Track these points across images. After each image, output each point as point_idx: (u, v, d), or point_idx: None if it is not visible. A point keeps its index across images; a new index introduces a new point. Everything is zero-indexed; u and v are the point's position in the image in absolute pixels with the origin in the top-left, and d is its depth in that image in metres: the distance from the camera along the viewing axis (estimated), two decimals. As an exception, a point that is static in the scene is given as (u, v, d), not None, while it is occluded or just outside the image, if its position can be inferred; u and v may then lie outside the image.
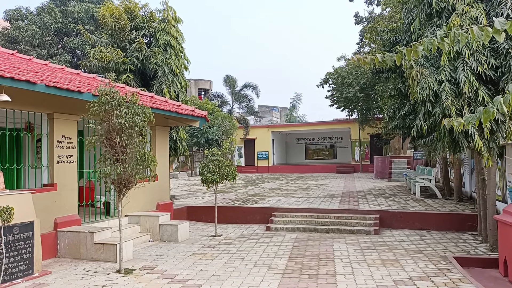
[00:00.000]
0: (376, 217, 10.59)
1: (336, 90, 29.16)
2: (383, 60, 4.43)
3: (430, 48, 3.99)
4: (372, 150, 31.93)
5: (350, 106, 29.28)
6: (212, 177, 9.63)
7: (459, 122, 4.13)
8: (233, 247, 8.64)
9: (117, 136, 6.59)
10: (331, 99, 30.61)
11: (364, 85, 25.64)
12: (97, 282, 6.21)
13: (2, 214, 5.11)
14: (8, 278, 6.08)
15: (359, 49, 28.75)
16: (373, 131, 30.37)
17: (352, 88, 26.77)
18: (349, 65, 27.61)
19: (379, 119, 27.67)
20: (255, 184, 20.95)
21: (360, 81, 25.86)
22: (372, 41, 19.00)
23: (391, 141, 26.21)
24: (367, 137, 31.94)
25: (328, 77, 29.51)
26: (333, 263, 7.29)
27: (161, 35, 13.78)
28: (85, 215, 8.88)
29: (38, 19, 26.01)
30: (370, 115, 29.17)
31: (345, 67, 28.39)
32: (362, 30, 27.65)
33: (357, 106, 28.53)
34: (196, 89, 43.19)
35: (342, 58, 29.18)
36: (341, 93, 28.06)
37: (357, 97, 26.96)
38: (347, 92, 27.18)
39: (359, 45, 28.88)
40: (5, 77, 6.20)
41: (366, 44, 25.39)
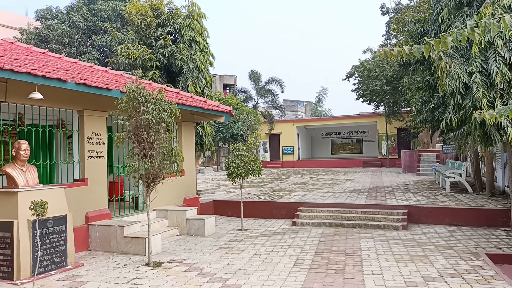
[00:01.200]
0: (404, 212, 10.41)
1: (362, 83, 28.72)
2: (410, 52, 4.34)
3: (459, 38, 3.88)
4: (399, 144, 31.35)
5: (376, 99, 28.79)
6: (238, 172, 9.69)
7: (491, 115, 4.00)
8: (259, 242, 8.69)
9: (144, 132, 6.71)
10: (357, 93, 30.18)
11: (391, 78, 25.14)
12: (127, 275, 6.37)
13: (36, 208, 5.29)
14: (43, 269, 6.31)
15: (386, 41, 28.16)
16: (400, 125, 29.79)
17: (378, 81, 26.31)
18: (375, 58, 27.14)
19: (407, 113, 27.10)
20: (281, 179, 20.95)
21: (387, 73, 25.36)
22: (399, 33, 18.60)
23: (420, 135, 25.62)
24: (395, 131, 31.36)
25: (353, 70, 29.10)
26: (360, 258, 7.22)
27: (186, 31, 13.89)
28: (115, 209, 9.11)
29: (68, 18, 26.69)
30: (397, 109, 28.60)
31: (371, 60, 27.91)
32: (388, 22, 27.07)
33: (384, 99, 28.02)
34: (221, 85, 43.43)
35: (368, 50, 28.68)
36: (367, 86, 27.62)
37: (383, 90, 26.48)
38: (373, 85, 26.73)
39: (386, 37, 28.30)
40: (37, 76, 6.40)
41: (393, 36, 24.84)
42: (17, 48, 9.62)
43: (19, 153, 6.62)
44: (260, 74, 37.20)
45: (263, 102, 38.05)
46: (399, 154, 29.66)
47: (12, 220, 6.13)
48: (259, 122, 30.78)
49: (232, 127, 28.92)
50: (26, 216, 6.11)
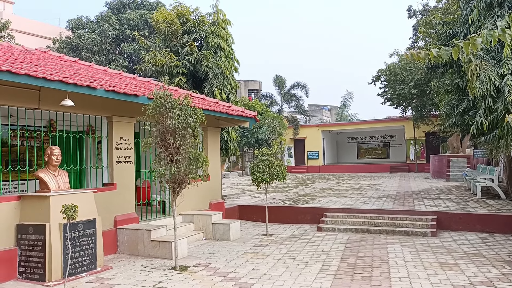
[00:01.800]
0: (433, 218, 10.15)
1: (389, 87, 28.30)
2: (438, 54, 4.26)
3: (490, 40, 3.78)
4: (428, 149, 30.66)
5: (403, 103, 28.30)
6: (262, 176, 9.70)
7: (524, 118, 3.88)
8: (284, 247, 8.66)
9: (171, 137, 6.82)
10: (383, 97, 29.75)
11: (419, 81, 24.66)
12: (154, 278, 6.47)
13: (67, 212, 5.45)
14: (74, 272, 6.49)
15: (413, 44, 27.70)
16: (429, 129, 29.14)
17: (405, 84, 25.85)
18: (402, 61, 26.69)
19: (435, 116, 26.52)
20: (306, 184, 20.83)
21: (414, 77, 24.89)
22: (427, 35, 18.23)
23: (449, 139, 24.98)
24: (423, 135, 30.71)
25: (380, 73, 28.70)
26: (387, 265, 7.09)
27: (211, 38, 14.07)
28: (142, 214, 9.27)
29: (97, 27, 27.51)
30: (426, 112, 28.00)
31: (398, 63, 27.47)
32: (416, 24, 26.64)
33: (411, 103, 27.50)
34: (246, 90, 43.67)
35: (395, 54, 28.26)
36: (394, 90, 27.19)
37: (411, 94, 26.00)
38: (400, 89, 26.28)
39: (413, 39, 27.83)
40: (69, 83, 6.62)
41: (420, 39, 24.40)
42: (50, 57, 9.97)
43: (51, 158, 6.84)
44: (284, 79, 37.21)
45: (287, 107, 38.02)
46: (427, 159, 29.00)
47: (44, 223, 6.33)
48: (283, 127, 30.75)
49: (257, 132, 29.00)
50: (57, 220, 6.30)
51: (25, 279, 6.36)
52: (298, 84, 36.88)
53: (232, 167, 32.84)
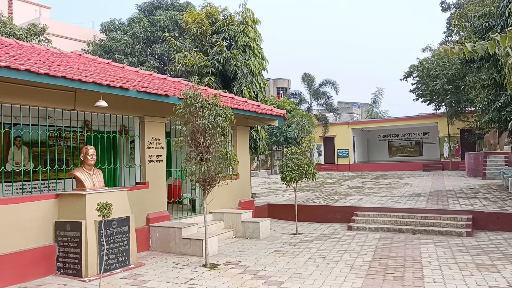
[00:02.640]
0: (469, 217, 9.84)
1: (421, 83, 27.60)
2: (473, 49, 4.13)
3: (529, 33, 3.63)
4: (463, 146, 29.71)
5: (437, 99, 27.52)
6: (292, 175, 9.68)
7: None
8: (314, 246, 8.61)
9: (201, 136, 6.92)
10: (415, 93, 29.05)
11: (453, 77, 23.91)
12: (185, 275, 6.58)
13: (102, 210, 5.62)
14: (108, 268, 6.69)
15: (447, 38, 26.88)
16: (463, 126, 28.25)
17: (439, 80, 25.13)
18: (435, 56, 25.96)
19: (471, 113, 25.66)
20: (336, 183, 20.62)
21: (448, 72, 24.16)
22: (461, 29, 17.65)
23: (485, 136, 24.12)
24: (457, 132, 29.79)
25: (412, 69, 28.03)
26: (420, 265, 6.93)
27: (240, 37, 14.14)
28: (174, 212, 9.45)
29: (129, 29, 28.17)
30: (460, 108, 27.15)
31: (430, 58, 26.74)
32: (449, 18, 25.83)
33: (445, 99, 26.70)
34: (275, 88, 43.61)
35: (427, 49, 27.51)
36: (427, 86, 26.48)
37: (445, 90, 25.24)
38: (433, 85, 25.57)
39: (447, 33, 27.00)
40: (103, 85, 6.82)
41: (455, 32, 23.65)
42: (85, 60, 10.31)
43: (86, 158, 7.08)
44: (313, 76, 36.92)
45: (317, 105, 37.70)
46: (462, 157, 28.11)
47: (80, 220, 6.56)
48: (313, 125, 30.52)
49: (286, 130, 28.92)
50: (93, 217, 6.51)
51: (63, 274, 6.62)
52: (328, 81, 36.51)
53: (261, 166, 32.91)
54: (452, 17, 22.72)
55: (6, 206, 6.21)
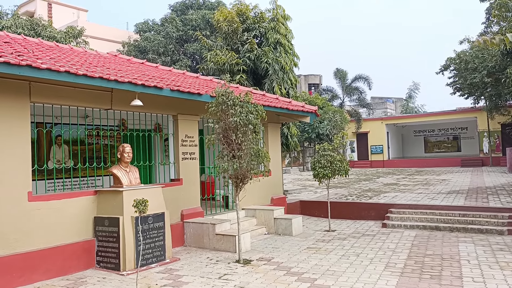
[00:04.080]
0: (510, 215, 9.45)
1: (459, 76, 26.63)
2: (515, 39, 3.95)
3: None
4: (504, 141, 28.48)
5: (475, 93, 26.48)
6: (324, 172, 9.60)
7: None
8: (348, 243, 8.53)
9: (233, 133, 6.98)
10: (453, 87, 28.08)
11: (493, 69, 22.93)
12: (219, 270, 6.68)
13: (139, 206, 5.77)
14: (145, 262, 6.88)
15: (486, 29, 25.78)
16: (504, 120, 27.07)
17: (477, 73, 24.16)
18: (473, 48, 24.97)
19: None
20: (369, 179, 20.28)
21: (488, 64, 23.18)
22: (502, 19, 16.87)
23: (528, 130, 23.05)
24: (498, 127, 28.59)
25: (449, 62, 27.07)
26: (458, 264, 6.73)
27: (271, 34, 14.12)
28: (207, 208, 9.58)
29: (162, 29, 28.69)
30: (501, 102, 25.99)
31: (468, 51, 25.73)
32: (489, 8, 24.76)
33: (484, 93, 25.65)
34: (306, 85, 43.32)
35: (465, 40, 26.45)
36: (465, 79, 25.52)
37: (484, 83, 24.25)
38: (471, 78, 24.61)
39: (486, 24, 25.90)
40: (137, 84, 7.01)
41: (494, 23, 22.64)
42: (120, 60, 10.60)
43: (123, 155, 7.30)
44: (346, 72, 36.34)
45: (349, 101, 37.10)
46: (503, 152, 26.98)
47: (118, 216, 6.78)
48: (345, 121, 30.10)
49: (318, 126, 28.68)
50: (129, 213, 6.72)
51: (102, 268, 6.86)
52: (360, 76, 35.86)
53: (293, 162, 32.80)
54: (492, 7, 21.75)
55: (48, 202, 6.50)
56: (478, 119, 29.74)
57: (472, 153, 32.34)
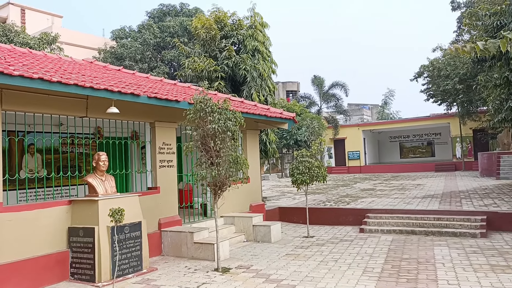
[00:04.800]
0: (483, 218, 9.71)
1: (432, 83, 27.38)
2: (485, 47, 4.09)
3: (540, 31, 3.59)
4: (475, 146, 29.33)
5: (448, 99, 27.26)
6: (302, 178, 9.66)
7: None
8: (326, 249, 8.58)
9: (211, 141, 6.95)
10: (426, 93, 28.81)
11: (464, 76, 23.67)
12: (197, 279, 6.60)
13: (115, 215, 5.68)
14: (121, 273, 6.74)
15: (457, 38, 26.64)
16: (476, 125, 27.91)
17: (450, 80, 24.89)
18: (446, 56, 25.73)
19: (483, 112, 25.38)
20: (347, 185, 20.51)
21: (459, 71, 23.92)
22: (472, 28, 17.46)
23: (498, 136, 23.79)
24: (470, 132, 29.43)
25: (422, 69, 27.80)
26: (434, 267, 6.86)
27: (249, 41, 14.19)
28: (185, 216, 9.49)
29: (139, 36, 28.46)
30: (472, 108, 26.83)
31: (441, 58, 26.50)
32: (460, 17, 25.59)
33: (457, 99, 26.42)
34: (284, 91, 43.60)
35: (438, 48, 27.25)
36: (438, 86, 26.25)
37: (456, 89, 24.99)
38: (444, 85, 25.34)
39: (457, 33, 26.77)
40: (114, 91, 6.91)
41: (465, 31, 23.44)
42: (96, 67, 10.44)
43: (98, 164, 7.16)
44: (323, 79, 36.81)
45: (326, 107, 37.56)
46: (475, 157, 27.75)
47: (93, 226, 6.63)
48: (323, 127, 30.42)
49: (296, 133, 28.87)
50: (105, 223, 6.58)
51: (77, 280, 6.69)
52: (337, 83, 36.38)
53: (271, 169, 32.88)
54: (463, 16, 22.49)
55: (20, 213, 6.31)
56: (451, 125, 30.54)
57: (446, 158, 33.15)
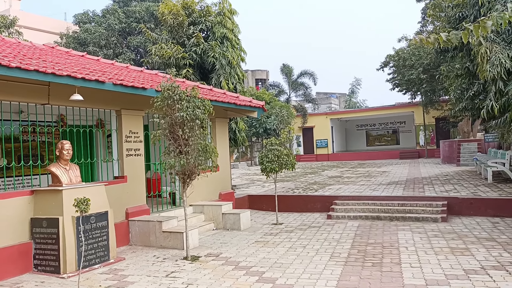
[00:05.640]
0: (444, 204, 10.12)
1: (398, 72, 28.05)
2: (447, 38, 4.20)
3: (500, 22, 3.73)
4: (438, 134, 30.42)
5: (413, 88, 28.04)
6: (271, 166, 9.72)
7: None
8: (295, 235, 8.71)
9: (179, 129, 6.86)
10: (392, 82, 29.50)
11: (428, 66, 24.38)
12: (166, 268, 6.56)
13: (80, 205, 5.53)
14: (88, 264, 6.61)
15: (422, 28, 27.30)
16: (438, 114, 28.90)
17: (414, 69, 25.58)
18: (410, 46, 26.38)
19: (445, 101, 26.27)
20: (315, 173, 20.83)
21: (423, 61, 24.61)
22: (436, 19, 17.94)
23: (459, 124, 24.75)
24: (432, 121, 30.46)
25: (388, 59, 28.42)
26: (398, 251, 7.10)
27: (217, 28, 14.02)
28: (153, 205, 9.37)
29: (104, 21, 27.54)
30: (435, 97, 27.74)
31: (406, 48, 27.16)
32: (424, 8, 26.21)
33: (421, 88, 27.23)
34: (253, 80, 43.53)
35: (403, 39, 27.92)
36: (403, 76, 26.93)
37: (420, 79, 25.73)
38: (409, 74, 26.03)
39: (422, 24, 27.43)
40: (77, 78, 6.67)
41: (429, 22, 24.05)
42: (58, 53, 10.04)
43: (62, 152, 6.93)
44: (292, 67, 36.98)
45: (295, 96, 37.84)
46: (437, 145, 28.81)
47: (57, 216, 6.44)
48: (292, 116, 30.66)
49: (265, 121, 28.97)
50: (70, 213, 6.40)
51: (41, 271, 6.50)
52: (306, 72, 36.65)
53: (241, 157, 32.93)
54: (427, 7, 23.07)
55: (-21, 204, 6.04)
56: (415, 114, 31.48)
57: (410, 146, 34.21)
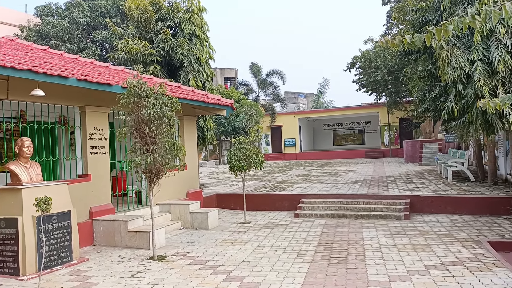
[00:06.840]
0: (406, 202, 10.43)
1: (364, 73, 28.66)
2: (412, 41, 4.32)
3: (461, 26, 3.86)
4: (401, 134, 31.33)
5: (378, 89, 28.74)
6: (240, 165, 9.72)
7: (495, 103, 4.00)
8: (262, 234, 8.74)
9: (146, 126, 6.73)
10: (358, 83, 30.12)
11: (393, 68, 25.07)
12: (132, 268, 6.43)
13: (41, 204, 5.33)
14: (49, 265, 6.38)
15: (387, 31, 28.05)
16: (402, 115, 29.75)
17: (380, 71, 26.23)
18: (376, 48, 27.02)
19: (409, 102, 27.08)
20: (283, 171, 20.99)
21: (388, 63, 25.27)
22: (400, 22, 18.49)
23: (422, 125, 25.59)
24: (396, 121, 31.33)
25: (355, 60, 28.99)
26: (362, 248, 7.27)
27: (186, 25, 13.84)
28: (118, 204, 9.16)
29: (67, 14, 26.62)
30: (399, 99, 28.54)
31: (372, 50, 27.80)
32: (389, 11, 26.95)
33: (386, 90, 27.96)
34: (222, 78, 43.35)
35: (369, 40, 28.53)
36: (369, 77, 27.56)
37: (385, 80, 26.42)
38: (375, 76, 26.67)
39: (387, 26, 28.18)
40: (39, 73, 6.42)
41: (394, 25, 24.72)
42: (18, 46, 9.63)
43: (22, 150, 6.65)
44: (260, 66, 37.14)
45: (264, 95, 38.02)
46: (401, 144, 29.65)
47: (16, 216, 6.18)
48: (260, 115, 30.75)
49: (234, 120, 28.91)
50: (30, 213, 6.16)
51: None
52: (275, 71, 36.87)
53: (209, 156, 32.72)
54: (392, 11, 23.72)
55: None
56: (380, 114, 32.28)
57: (375, 146, 35.07)
